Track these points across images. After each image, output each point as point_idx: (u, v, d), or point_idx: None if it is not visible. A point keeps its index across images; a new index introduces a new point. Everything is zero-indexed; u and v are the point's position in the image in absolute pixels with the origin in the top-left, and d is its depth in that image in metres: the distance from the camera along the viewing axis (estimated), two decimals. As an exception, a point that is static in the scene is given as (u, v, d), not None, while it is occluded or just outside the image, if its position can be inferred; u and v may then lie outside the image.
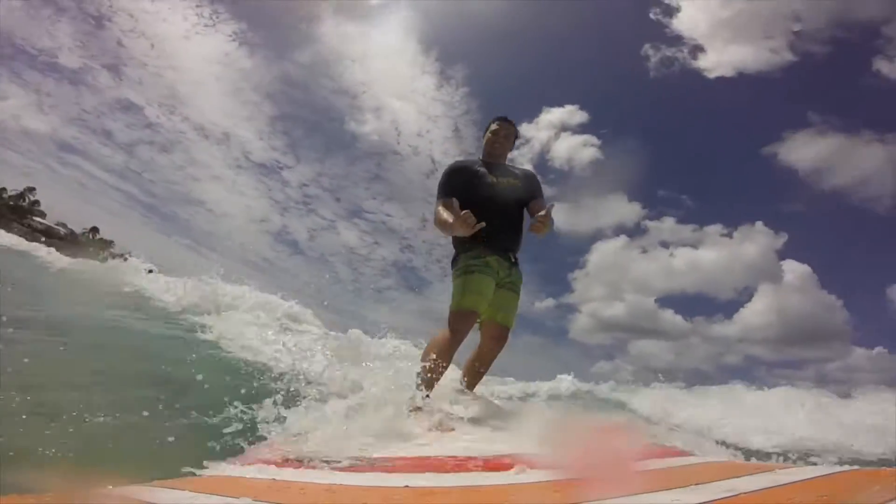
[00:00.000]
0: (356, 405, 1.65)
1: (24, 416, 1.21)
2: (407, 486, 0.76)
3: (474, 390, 2.65)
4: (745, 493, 0.58)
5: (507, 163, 2.59)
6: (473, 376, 2.60)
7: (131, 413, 1.49)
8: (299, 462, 0.99)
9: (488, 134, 2.55)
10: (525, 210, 2.47)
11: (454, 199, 2.17)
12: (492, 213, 2.26)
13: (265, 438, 1.55)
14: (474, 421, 2.38)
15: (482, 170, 2.45)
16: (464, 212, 2.06)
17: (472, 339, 2.55)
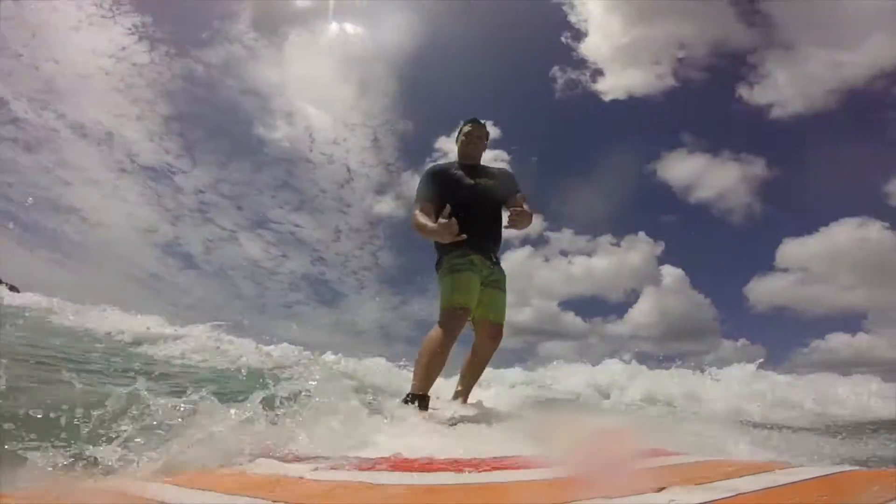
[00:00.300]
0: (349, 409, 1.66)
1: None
2: (407, 486, 0.76)
3: (472, 391, 2.67)
4: (744, 493, 0.58)
5: (482, 163, 2.61)
6: (472, 376, 2.61)
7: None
8: (299, 461, 0.99)
9: (461, 137, 2.59)
10: (504, 209, 2.49)
11: (440, 205, 2.21)
12: (472, 215, 2.30)
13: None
14: (474, 422, 2.38)
15: (460, 172, 2.48)
16: (448, 220, 2.10)
17: (466, 339, 2.58)
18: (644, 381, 6.39)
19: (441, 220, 2.15)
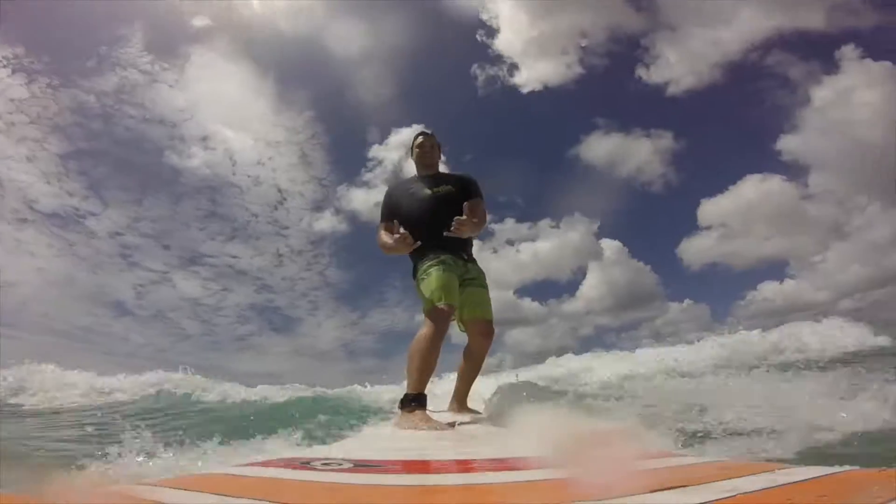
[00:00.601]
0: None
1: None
2: (407, 486, 0.76)
3: (470, 392, 2.68)
4: (744, 493, 0.58)
5: (441, 171, 2.70)
6: (469, 376, 2.62)
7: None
8: (299, 462, 0.99)
9: (415, 149, 2.72)
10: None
11: (395, 221, 2.37)
12: (433, 222, 2.41)
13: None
14: (473, 423, 2.38)
15: (418, 185, 2.57)
16: (401, 233, 2.24)
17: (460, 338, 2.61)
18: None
19: (395, 236, 2.31)
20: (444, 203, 2.49)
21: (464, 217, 2.32)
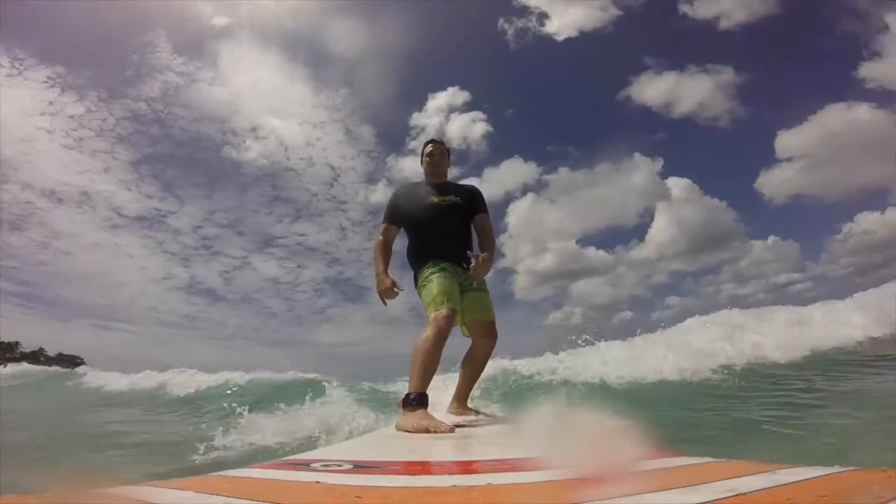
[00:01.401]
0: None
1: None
2: (407, 487, 0.76)
3: (470, 392, 2.69)
4: (744, 493, 0.58)
5: (449, 180, 2.76)
6: (471, 377, 2.63)
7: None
8: (300, 464, 0.99)
9: (424, 157, 2.79)
10: (472, 225, 2.67)
11: (395, 227, 2.44)
12: (438, 231, 2.48)
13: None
14: (474, 423, 2.38)
15: (426, 191, 2.61)
16: (392, 285, 2.31)
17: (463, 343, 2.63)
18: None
19: (387, 286, 2.42)
20: (449, 214, 2.56)
21: (481, 258, 2.41)
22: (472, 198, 2.68)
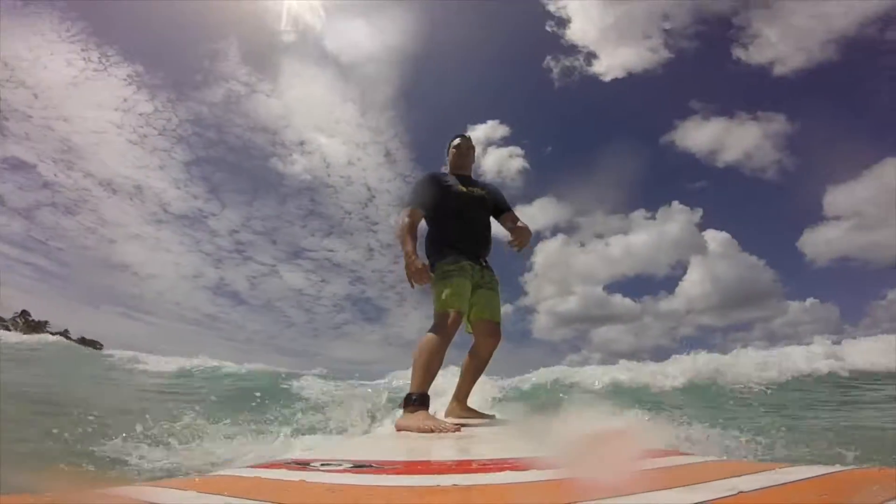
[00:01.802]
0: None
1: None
2: (407, 487, 0.76)
3: (471, 393, 2.69)
4: (744, 492, 0.58)
5: (472, 175, 2.78)
6: (472, 377, 2.63)
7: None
8: (300, 464, 0.99)
9: (452, 149, 2.79)
10: (496, 220, 2.68)
11: (421, 211, 2.40)
12: (463, 221, 2.47)
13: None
14: (474, 423, 2.38)
15: (453, 180, 2.61)
16: (423, 269, 2.26)
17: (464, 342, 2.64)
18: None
19: (419, 267, 2.31)
20: (474, 205, 2.57)
21: (522, 226, 2.45)
22: (496, 193, 2.72)
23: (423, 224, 2.56)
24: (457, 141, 2.80)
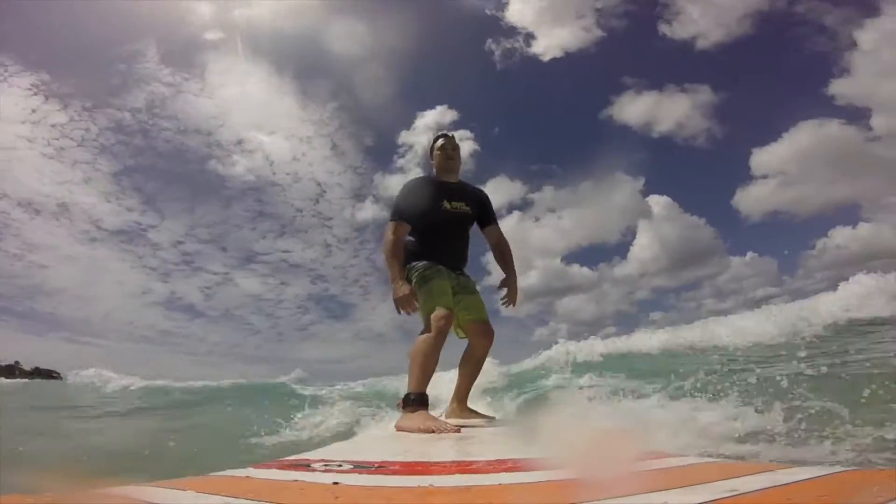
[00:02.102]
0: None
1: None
2: (407, 487, 0.76)
3: (469, 393, 2.69)
4: (744, 493, 0.58)
5: (460, 181, 2.67)
6: (469, 377, 2.63)
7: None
8: (300, 464, 0.99)
9: (436, 151, 2.67)
10: (480, 230, 2.68)
11: (407, 225, 2.39)
12: (443, 239, 2.47)
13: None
14: (473, 423, 2.38)
15: (438, 192, 2.54)
16: (410, 296, 2.24)
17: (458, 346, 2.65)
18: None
19: (406, 294, 2.31)
20: (457, 223, 2.56)
21: (511, 292, 2.55)
22: (482, 206, 2.67)
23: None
24: (440, 142, 2.64)
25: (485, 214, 2.68)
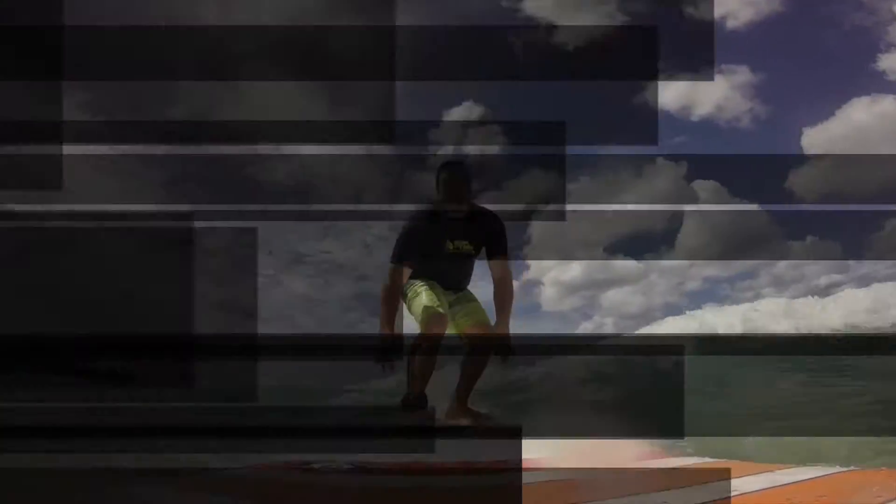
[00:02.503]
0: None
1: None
2: (407, 487, 0.76)
3: (470, 394, 2.68)
4: (744, 493, 0.58)
5: (469, 212, 2.56)
6: (472, 376, 2.62)
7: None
8: (300, 464, 0.99)
9: (440, 186, 2.55)
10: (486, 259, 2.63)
11: (408, 268, 2.32)
12: (442, 273, 2.40)
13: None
14: (474, 423, 2.37)
15: (442, 232, 2.46)
16: (388, 348, 2.15)
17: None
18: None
19: (387, 347, 2.23)
20: (459, 264, 2.51)
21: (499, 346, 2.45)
22: (490, 239, 2.58)
23: None
24: (444, 176, 2.55)
25: (491, 247, 2.60)
